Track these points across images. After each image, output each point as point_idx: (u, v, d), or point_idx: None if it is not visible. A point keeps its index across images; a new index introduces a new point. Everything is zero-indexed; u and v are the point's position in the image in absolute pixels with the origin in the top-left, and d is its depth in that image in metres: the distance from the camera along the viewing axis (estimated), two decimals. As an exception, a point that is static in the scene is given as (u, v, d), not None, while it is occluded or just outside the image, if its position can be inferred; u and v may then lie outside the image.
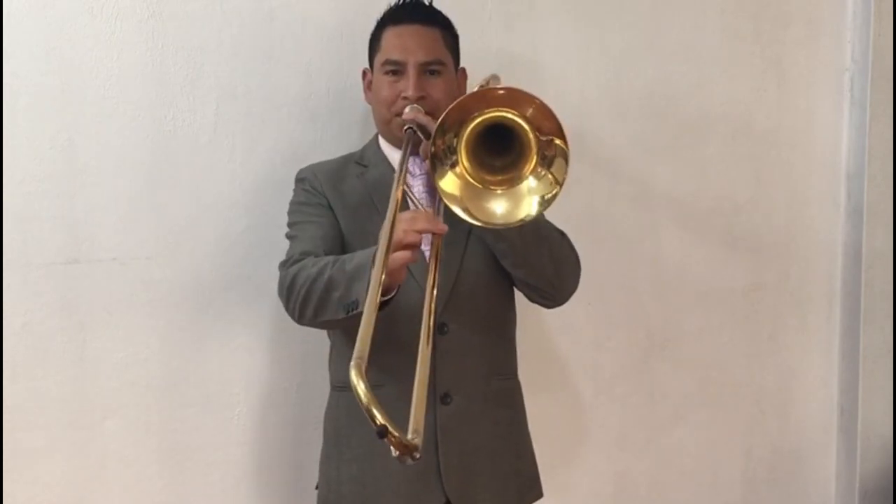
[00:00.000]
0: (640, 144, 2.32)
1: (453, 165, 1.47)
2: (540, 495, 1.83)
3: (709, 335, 2.43)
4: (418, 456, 1.10)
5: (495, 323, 1.77)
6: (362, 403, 1.10)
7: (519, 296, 1.81)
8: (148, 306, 2.00)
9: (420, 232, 1.46)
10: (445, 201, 1.48)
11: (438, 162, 1.46)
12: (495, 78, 1.93)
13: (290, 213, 1.80)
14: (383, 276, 1.36)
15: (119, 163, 1.97)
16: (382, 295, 1.46)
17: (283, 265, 1.70)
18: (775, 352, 2.50)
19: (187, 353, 2.03)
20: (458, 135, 1.46)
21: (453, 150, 1.47)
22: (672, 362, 2.40)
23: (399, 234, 1.43)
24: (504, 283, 1.76)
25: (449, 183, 1.48)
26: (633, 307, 2.36)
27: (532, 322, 1.80)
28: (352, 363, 1.13)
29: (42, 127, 1.92)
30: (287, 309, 1.68)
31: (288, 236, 1.77)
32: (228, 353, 2.06)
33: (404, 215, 1.48)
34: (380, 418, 1.08)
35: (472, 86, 1.89)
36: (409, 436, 1.12)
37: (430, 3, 1.84)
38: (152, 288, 2.00)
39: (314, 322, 1.64)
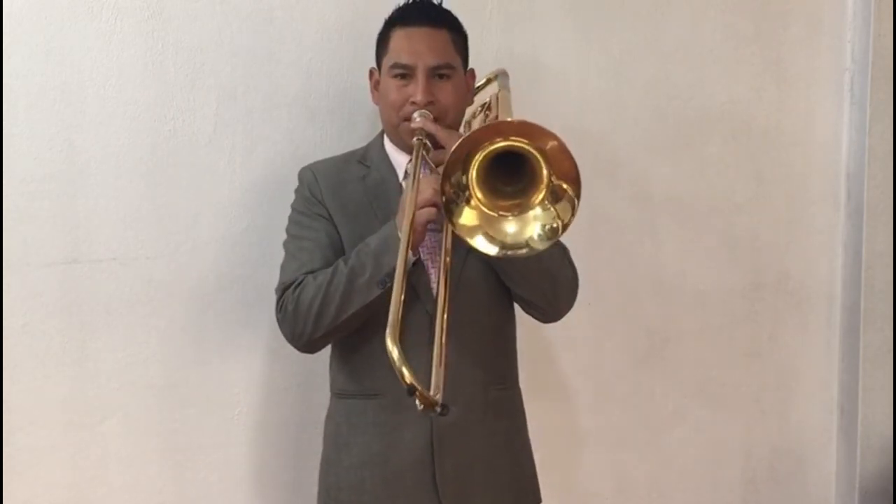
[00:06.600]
0: (640, 144, 2.32)
1: (468, 200, 1.47)
2: (538, 502, 1.83)
3: (709, 335, 2.43)
4: (439, 410, 1.32)
5: (493, 333, 1.76)
6: (395, 365, 1.30)
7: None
8: (148, 306, 2.00)
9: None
10: (465, 238, 1.47)
11: (453, 204, 1.46)
12: (504, 74, 1.92)
13: (290, 218, 1.79)
14: (410, 235, 1.48)
15: (119, 163, 1.97)
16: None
17: (281, 289, 1.69)
18: (775, 352, 2.49)
19: (187, 353, 2.04)
20: (465, 171, 1.45)
21: (464, 187, 1.46)
22: (672, 362, 2.40)
23: (424, 192, 1.54)
24: (503, 294, 1.74)
25: (466, 217, 1.47)
26: (632, 307, 2.36)
27: (532, 322, 1.80)
28: (387, 331, 1.33)
29: (42, 127, 1.92)
30: (293, 331, 1.66)
31: (284, 247, 1.76)
32: (229, 353, 2.06)
33: (427, 177, 1.57)
34: (409, 377, 1.30)
35: (479, 80, 1.89)
36: (432, 391, 1.35)
37: (440, 3, 1.80)
38: (152, 288, 2.00)
39: (332, 326, 1.63)
